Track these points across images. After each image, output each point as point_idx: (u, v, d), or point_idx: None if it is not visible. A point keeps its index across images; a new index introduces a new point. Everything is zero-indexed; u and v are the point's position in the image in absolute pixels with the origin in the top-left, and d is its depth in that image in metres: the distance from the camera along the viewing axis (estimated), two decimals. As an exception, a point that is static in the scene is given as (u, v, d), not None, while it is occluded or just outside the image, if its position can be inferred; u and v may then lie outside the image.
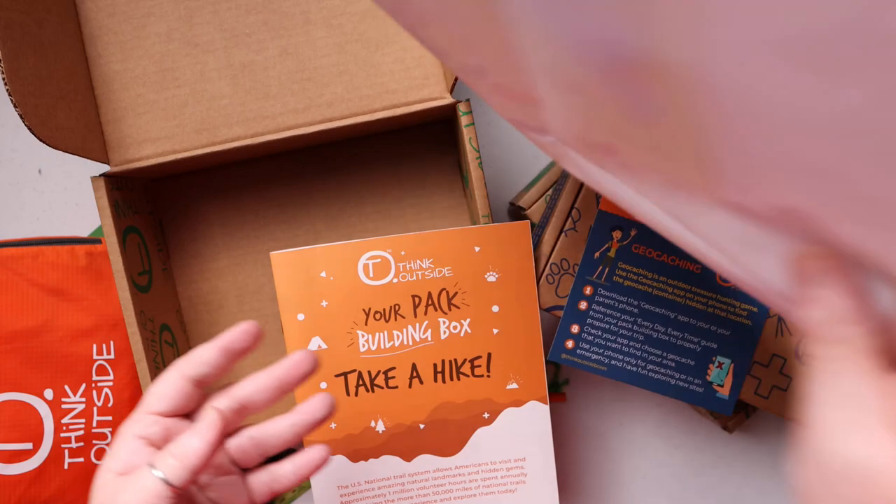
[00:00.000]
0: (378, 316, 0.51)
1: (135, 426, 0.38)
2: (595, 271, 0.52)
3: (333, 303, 0.51)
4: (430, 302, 0.51)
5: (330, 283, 0.51)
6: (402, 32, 0.55)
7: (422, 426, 0.52)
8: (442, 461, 0.53)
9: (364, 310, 0.51)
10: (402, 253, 0.51)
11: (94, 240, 0.58)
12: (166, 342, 0.57)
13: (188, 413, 0.40)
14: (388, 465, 0.52)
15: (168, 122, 0.55)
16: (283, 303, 0.51)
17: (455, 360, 0.52)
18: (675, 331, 0.53)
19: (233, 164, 0.61)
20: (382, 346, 0.51)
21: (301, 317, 0.51)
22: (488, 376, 0.52)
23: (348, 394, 0.52)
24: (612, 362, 0.53)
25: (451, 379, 0.52)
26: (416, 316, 0.52)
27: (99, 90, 0.55)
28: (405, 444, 0.52)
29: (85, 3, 0.55)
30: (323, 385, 0.51)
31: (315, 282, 0.51)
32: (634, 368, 0.53)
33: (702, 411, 0.62)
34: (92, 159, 0.53)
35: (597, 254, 0.52)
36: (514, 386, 0.52)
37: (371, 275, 0.51)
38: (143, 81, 0.55)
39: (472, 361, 0.52)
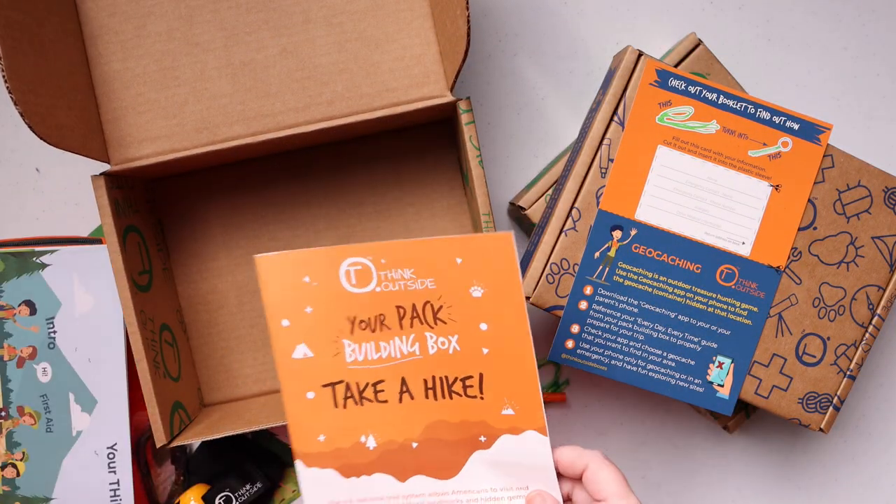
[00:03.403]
0: (363, 325, 0.49)
1: None
2: (595, 271, 0.52)
3: (318, 309, 0.49)
4: (414, 314, 0.49)
5: (313, 289, 0.49)
6: (403, 31, 0.55)
7: (415, 444, 0.49)
8: (438, 484, 0.49)
9: (349, 318, 0.49)
10: (383, 261, 0.49)
11: (94, 239, 0.59)
12: (166, 342, 0.57)
13: None
14: (382, 484, 0.49)
15: (168, 120, 0.55)
16: (268, 308, 0.49)
17: (446, 377, 0.49)
18: (675, 330, 0.53)
19: (233, 163, 0.61)
20: (370, 357, 0.49)
21: (286, 322, 0.49)
22: (482, 398, 0.49)
23: (336, 405, 0.49)
24: (612, 362, 0.53)
25: (444, 396, 0.49)
26: (401, 328, 0.49)
27: (99, 89, 0.55)
28: (398, 462, 0.49)
29: (85, 3, 0.55)
30: (310, 395, 0.49)
31: (299, 287, 0.49)
32: (634, 368, 0.53)
33: (702, 411, 0.62)
34: (92, 158, 0.53)
35: (597, 254, 0.52)
36: (510, 412, 0.49)
37: (353, 282, 0.49)
38: (144, 80, 0.55)
39: (463, 381, 0.49)
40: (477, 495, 0.49)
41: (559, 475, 0.48)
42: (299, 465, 0.49)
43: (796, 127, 0.51)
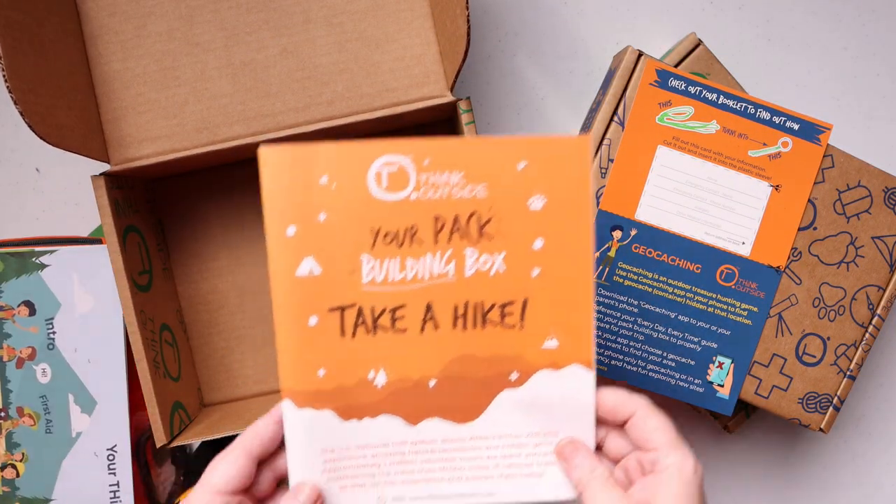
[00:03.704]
0: (389, 238, 0.41)
1: None
2: (595, 271, 0.52)
3: (334, 217, 0.41)
4: (455, 227, 0.41)
5: (331, 193, 0.41)
6: (403, 31, 0.55)
7: (432, 383, 0.42)
8: (454, 429, 0.43)
9: (372, 229, 0.41)
10: (426, 162, 0.41)
11: (93, 239, 0.58)
12: (166, 342, 0.57)
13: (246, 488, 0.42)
14: (388, 427, 0.43)
15: (168, 120, 0.55)
16: (270, 212, 0.40)
17: (481, 302, 0.42)
18: (675, 331, 0.53)
19: (233, 163, 0.61)
20: (392, 278, 0.42)
21: (291, 230, 0.41)
22: (521, 328, 0.42)
23: (343, 334, 0.42)
24: (612, 362, 0.53)
25: (476, 326, 0.42)
26: (436, 242, 0.41)
27: (99, 89, 0.55)
28: (411, 402, 0.42)
29: (86, 3, 0.55)
30: (313, 320, 0.41)
31: (313, 188, 0.41)
32: (634, 368, 0.53)
33: (702, 411, 0.62)
34: (92, 158, 0.53)
35: (597, 254, 0.52)
36: (554, 344, 0.42)
37: (384, 185, 0.41)
38: (144, 80, 0.55)
39: (502, 307, 0.42)
40: (498, 441, 0.43)
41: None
42: (287, 406, 0.42)
43: (796, 127, 0.51)
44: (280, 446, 0.42)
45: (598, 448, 0.43)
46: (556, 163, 0.41)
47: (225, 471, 0.40)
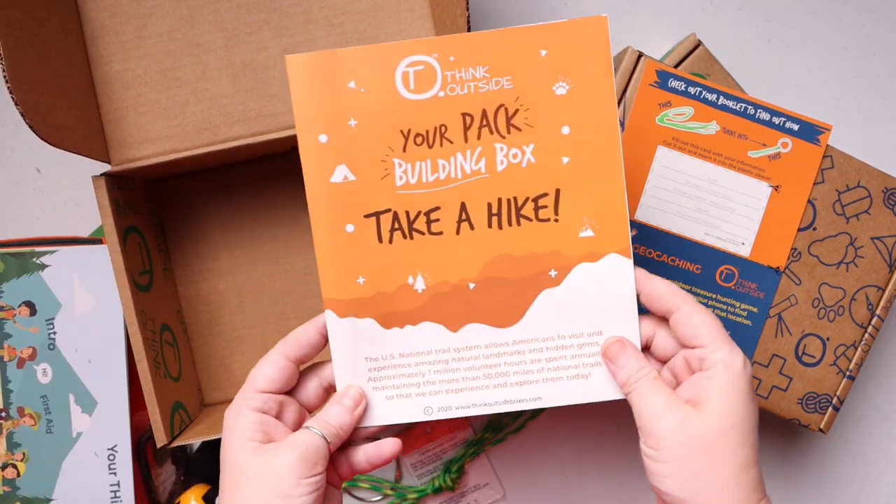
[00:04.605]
0: (420, 140, 0.41)
1: (251, 403, 0.41)
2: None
3: (364, 122, 0.41)
4: (484, 122, 0.42)
5: (360, 97, 0.41)
6: (403, 31, 0.55)
7: (472, 286, 0.42)
8: (496, 334, 0.43)
9: (402, 131, 0.41)
10: (451, 58, 0.41)
11: (94, 240, 0.59)
12: (166, 342, 0.57)
13: (289, 390, 0.43)
14: (430, 335, 0.42)
15: (169, 121, 0.55)
16: (301, 121, 0.41)
17: (514, 198, 0.42)
18: (675, 331, 0.53)
19: (233, 163, 0.61)
20: (424, 180, 0.42)
21: (323, 138, 0.41)
22: (556, 220, 0.42)
23: (381, 240, 0.42)
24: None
25: (510, 223, 0.42)
26: (466, 140, 0.41)
27: (100, 89, 0.55)
28: (451, 308, 0.42)
29: (86, 4, 0.55)
30: (349, 228, 0.42)
31: (342, 94, 0.41)
32: (634, 368, 0.53)
33: (702, 411, 0.62)
34: (93, 158, 0.53)
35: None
36: (589, 233, 0.42)
37: (412, 86, 0.41)
38: (145, 81, 0.55)
39: (535, 200, 0.42)
40: (541, 344, 0.43)
41: (643, 310, 0.42)
42: (330, 317, 0.42)
43: (796, 128, 0.52)
44: (324, 355, 0.43)
45: (647, 349, 0.43)
46: (576, 46, 0.41)
47: (265, 372, 0.41)
